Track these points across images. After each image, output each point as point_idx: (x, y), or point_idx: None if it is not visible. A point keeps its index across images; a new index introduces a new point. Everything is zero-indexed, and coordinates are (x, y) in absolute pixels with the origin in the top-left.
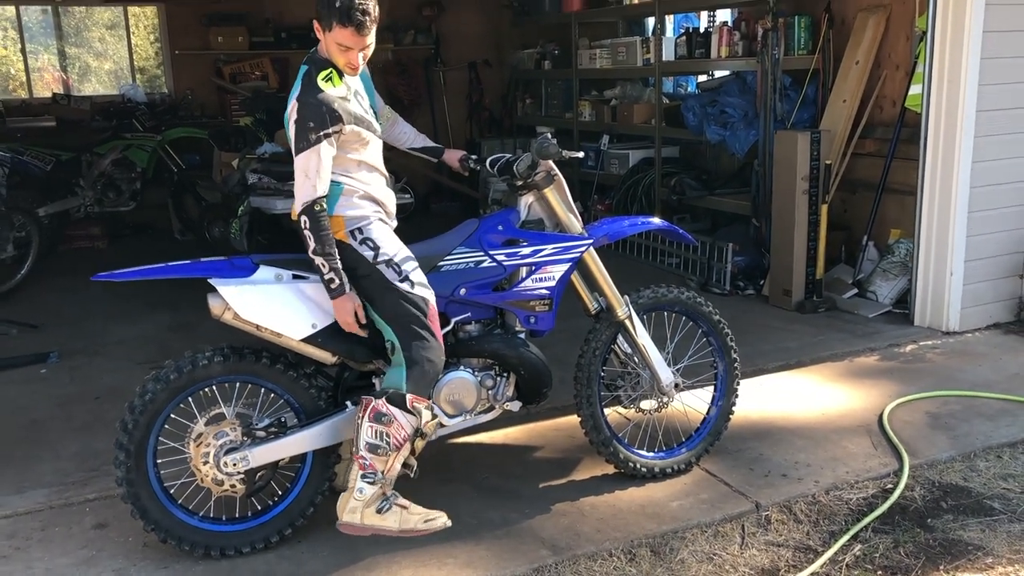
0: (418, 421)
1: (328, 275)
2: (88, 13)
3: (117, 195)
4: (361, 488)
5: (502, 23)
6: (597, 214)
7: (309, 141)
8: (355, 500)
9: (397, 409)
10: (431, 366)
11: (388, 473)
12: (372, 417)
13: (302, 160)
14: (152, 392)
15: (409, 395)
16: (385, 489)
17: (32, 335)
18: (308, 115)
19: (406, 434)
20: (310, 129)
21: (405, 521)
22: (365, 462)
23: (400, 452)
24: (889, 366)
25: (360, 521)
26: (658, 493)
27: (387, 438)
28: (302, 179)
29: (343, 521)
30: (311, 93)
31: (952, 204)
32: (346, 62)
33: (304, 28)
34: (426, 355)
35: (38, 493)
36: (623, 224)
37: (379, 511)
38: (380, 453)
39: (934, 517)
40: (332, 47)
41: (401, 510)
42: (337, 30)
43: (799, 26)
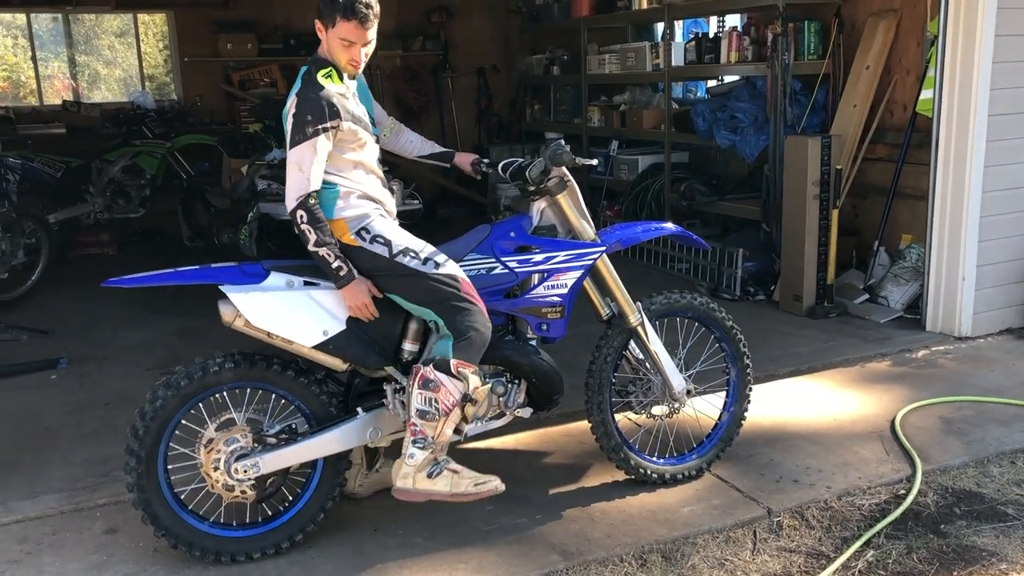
0: (465, 387)
1: (334, 264)
2: (98, 21)
3: (127, 202)
4: (412, 454)
5: (511, 29)
6: (606, 220)
7: (306, 134)
8: (407, 466)
9: (443, 375)
10: (478, 335)
11: (438, 439)
12: (421, 384)
13: (296, 153)
14: (163, 398)
15: (454, 361)
16: (436, 454)
17: (42, 341)
18: (306, 109)
19: (454, 400)
20: (307, 123)
21: (456, 485)
22: (416, 428)
23: (449, 417)
24: (901, 371)
25: (413, 486)
26: (669, 499)
27: (435, 404)
28: (295, 172)
29: (397, 487)
30: (310, 88)
31: (964, 209)
32: (348, 59)
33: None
34: (471, 324)
35: (49, 498)
36: (636, 230)
37: (430, 476)
38: (429, 419)
39: (947, 523)
40: (335, 44)
41: (452, 474)
42: (340, 25)
43: (809, 31)
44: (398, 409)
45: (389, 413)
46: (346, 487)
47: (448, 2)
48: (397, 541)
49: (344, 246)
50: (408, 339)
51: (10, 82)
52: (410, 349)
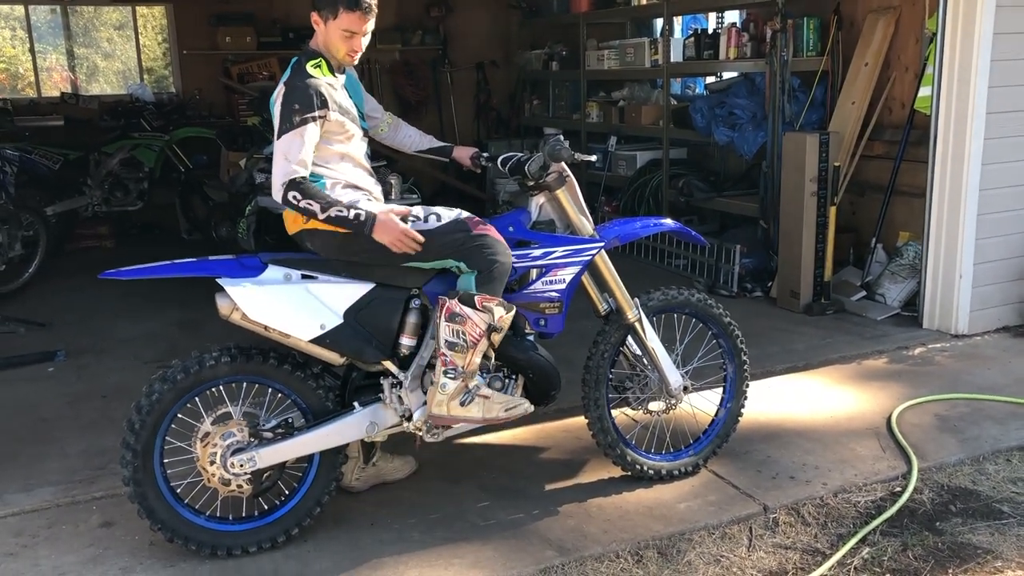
0: (491, 318)
1: (351, 215)
2: (96, 13)
3: (124, 194)
4: (444, 383)
5: (510, 24)
6: (604, 215)
7: (293, 123)
8: (440, 395)
9: (469, 308)
10: (499, 265)
11: (468, 368)
12: (447, 317)
13: (284, 142)
14: (159, 392)
15: (478, 296)
16: (467, 382)
17: (39, 333)
18: (294, 97)
19: (480, 331)
20: (295, 111)
21: (488, 410)
22: (446, 358)
23: (477, 348)
24: (897, 369)
25: (447, 413)
26: (665, 495)
27: (463, 335)
28: (281, 161)
29: (432, 413)
30: (299, 77)
31: (961, 207)
32: (348, 49)
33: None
34: (492, 257)
35: (45, 491)
36: (635, 226)
37: (463, 403)
38: (458, 350)
39: (943, 520)
40: (335, 35)
41: (484, 400)
42: (343, 16)
43: (808, 27)
44: (395, 403)
45: (386, 407)
46: (343, 481)
47: None
48: (393, 535)
49: (342, 235)
50: (405, 333)
51: (8, 74)
52: (407, 343)
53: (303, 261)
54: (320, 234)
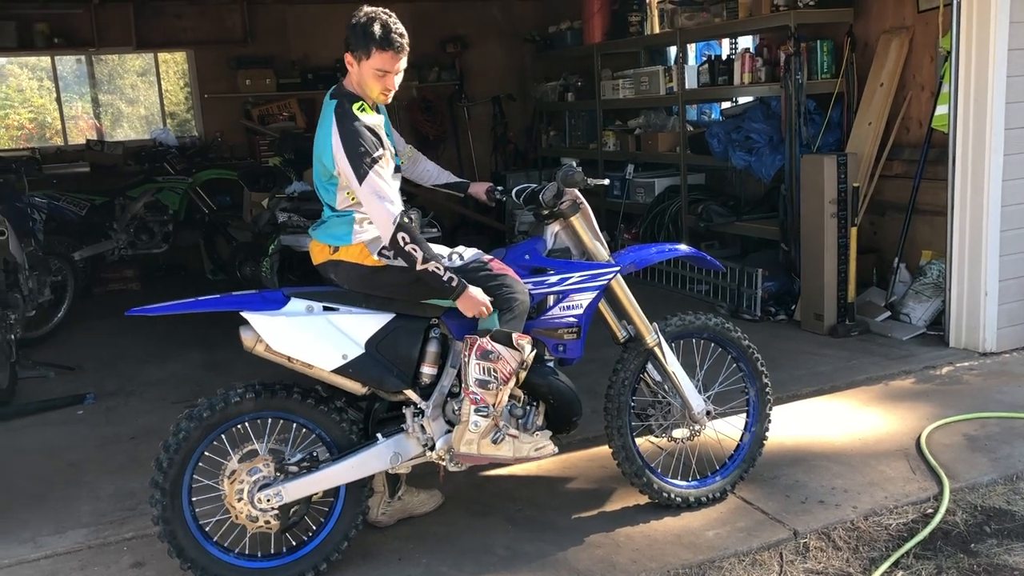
0: (522, 356)
1: (445, 276)
2: (120, 61)
3: (150, 237)
4: (476, 421)
5: (525, 57)
6: (624, 243)
7: (367, 164)
8: (471, 433)
9: (503, 347)
10: (519, 303)
11: (498, 406)
12: (479, 355)
13: (369, 186)
14: (186, 430)
15: (515, 334)
16: (497, 421)
17: (69, 377)
18: (358, 141)
19: (512, 368)
20: (364, 153)
21: (519, 450)
22: (476, 397)
23: (507, 385)
24: (925, 389)
25: (477, 451)
26: (694, 522)
27: (495, 373)
28: (376, 203)
29: (460, 452)
30: (351, 121)
31: (984, 224)
32: (382, 88)
33: (329, 69)
34: (512, 295)
35: (77, 533)
36: (650, 251)
37: (494, 441)
38: (490, 388)
39: (977, 542)
40: (368, 75)
41: (513, 439)
42: (376, 56)
43: (822, 50)
44: (418, 433)
45: (409, 437)
46: (369, 515)
47: (463, 32)
48: (421, 570)
49: (369, 268)
50: (426, 362)
51: (36, 123)
52: (428, 372)
53: (324, 294)
54: (345, 266)
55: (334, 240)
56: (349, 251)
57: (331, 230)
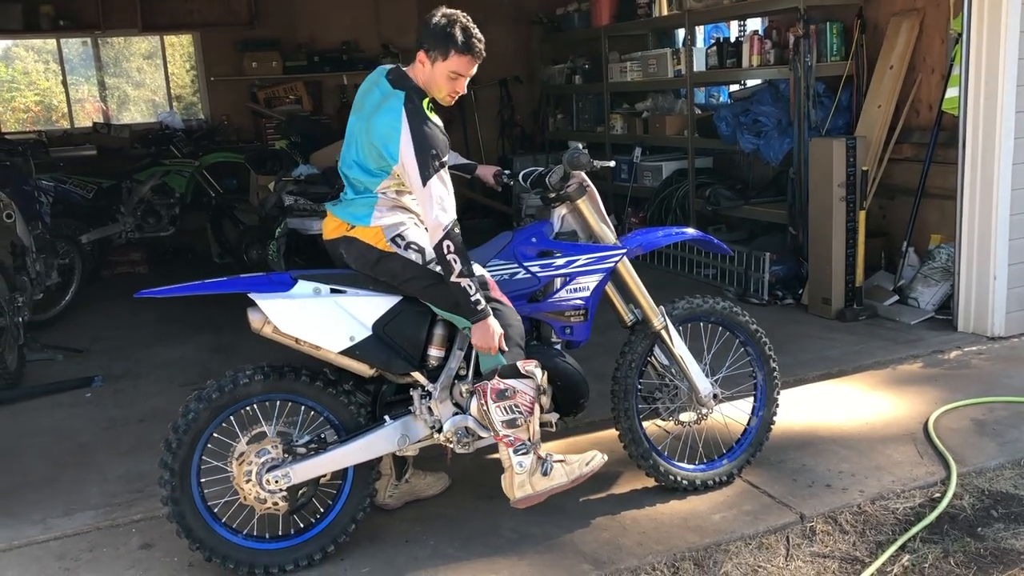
0: (535, 381)
1: (475, 296)
2: (126, 44)
3: (157, 220)
4: (520, 462)
5: (532, 39)
6: (631, 226)
7: (434, 167)
8: (519, 475)
9: (513, 380)
10: (513, 330)
11: (534, 438)
12: (496, 397)
13: (432, 188)
14: (195, 411)
15: (519, 363)
16: (539, 452)
17: (77, 360)
18: (428, 143)
19: (531, 396)
20: (433, 157)
21: (571, 473)
22: (510, 438)
23: (534, 415)
24: (933, 373)
25: (533, 490)
26: (700, 506)
27: (517, 408)
28: (434, 206)
29: (517, 498)
30: (423, 121)
31: (993, 207)
32: (450, 90)
33: (336, 52)
34: (506, 323)
35: (86, 515)
36: (657, 235)
37: (545, 474)
38: (519, 424)
39: (984, 526)
40: (442, 76)
41: (562, 464)
42: (454, 58)
43: (831, 32)
44: (425, 415)
45: (416, 419)
46: (376, 499)
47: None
48: (428, 552)
49: (380, 252)
50: (433, 345)
51: (42, 106)
52: (435, 354)
53: (332, 276)
54: (357, 244)
55: (352, 219)
56: (365, 232)
57: (351, 208)
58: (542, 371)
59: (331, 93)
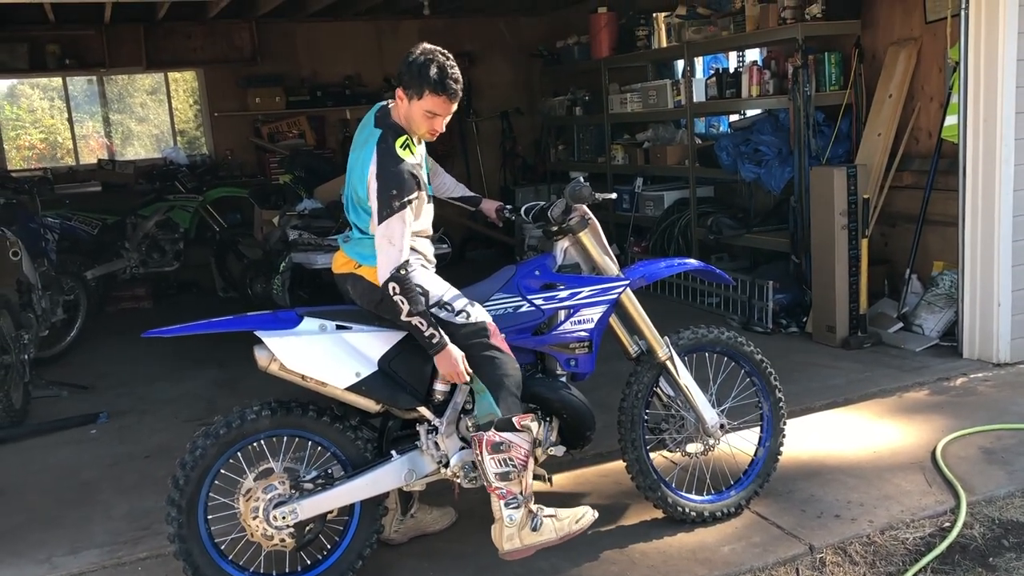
0: (531, 435)
1: (428, 332)
2: (130, 80)
3: (161, 256)
4: (511, 516)
5: (533, 72)
6: (634, 256)
7: (392, 208)
8: (508, 528)
9: (509, 433)
10: (510, 379)
11: (526, 492)
12: (490, 450)
13: (385, 228)
14: (202, 448)
15: (515, 418)
16: (529, 506)
17: (82, 396)
18: (391, 184)
19: (526, 450)
20: (392, 197)
21: (560, 529)
22: (502, 491)
23: (528, 469)
24: (939, 400)
25: (521, 544)
26: (709, 538)
27: (512, 462)
28: (386, 246)
29: (505, 550)
30: (391, 162)
31: (995, 233)
32: (428, 128)
33: (338, 86)
34: (502, 373)
35: (91, 553)
36: (659, 265)
37: (534, 529)
38: (512, 477)
39: (996, 556)
40: (418, 114)
41: (551, 520)
42: (428, 98)
43: (829, 62)
44: (432, 450)
45: (423, 454)
46: (382, 534)
47: (470, 48)
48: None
49: (383, 292)
50: (439, 380)
51: (47, 143)
52: (441, 389)
53: (337, 312)
54: (363, 283)
55: (360, 258)
56: (371, 272)
57: (359, 248)
58: (539, 424)
59: (334, 127)
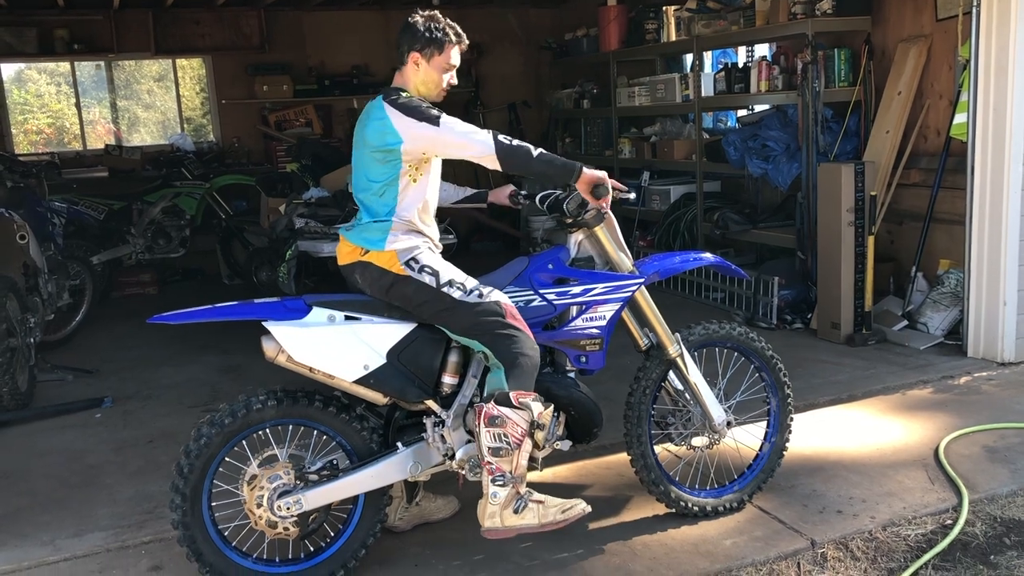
0: (530, 415)
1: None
2: (138, 67)
3: (167, 242)
4: (495, 492)
5: (541, 64)
6: (640, 250)
7: (432, 113)
8: (492, 505)
9: (507, 408)
10: (526, 359)
11: (516, 472)
12: (487, 422)
13: (446, 123)
14: (207, 436)
15: (512, 393)
16: (518, 488)
17: (87, 381)
18: (415, 103)
19: (522, 430)
20: (428, 107)
21: (544, 516)
22: (492, 466)
23: (522, 449)
24: (943, 398)
25: (501, 524)
26: (711, 531)
27: (506, 438)
28: (462, 138)
29: (485, 527)
30: (406, 97)
31: (1003, 232)
32: (444, 85)
33: (346, 75)
34: (518, 351)
35: (95, 536)
36: (674, 261)
37: (516, 511)
38: (503, 454)
39: (997, 553)
40: (436, 72)
41: (538, 505)
42: (448, 51)
43: (839, 58)
44: (438, 443)
45: (429, 447)
46: (387, 521)
47: (478, 39)
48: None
49: (395, 276)
50: (447, 372)
51: (55, 128)
52: (449, 382)
53: (346, 303)
54: (372, 269)
55: (367, 243)
56: (380, 256)
57: (365, 234)
58: (544, 405)
59: (341, 116)
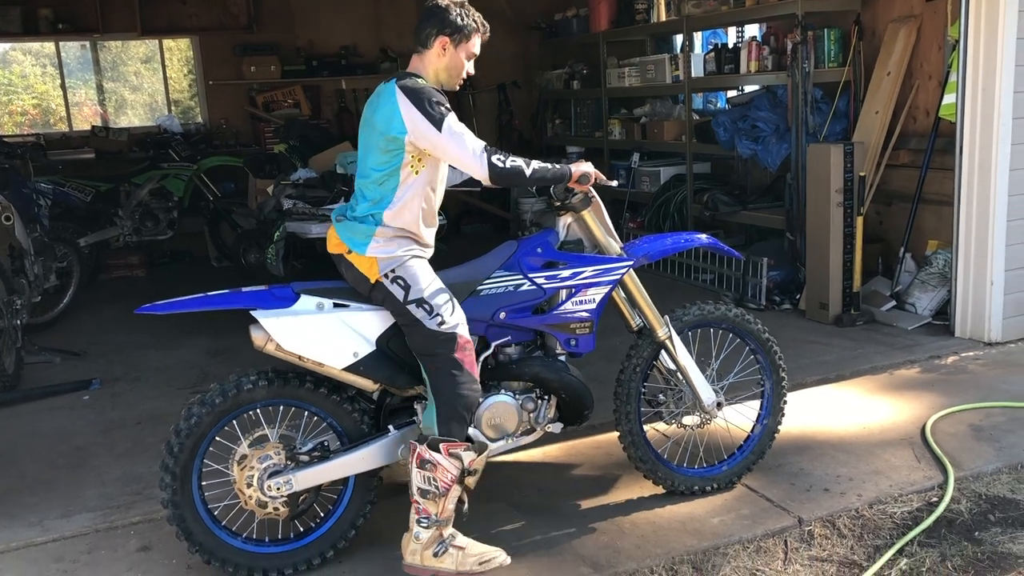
0: (460, 464)
1: (551, 170)
2: (124, 47)
3: (155, 224)
4: (418, 533)
5: (531, 45)
6: (629, 232)
7: (441, 112)
8: (414, 544)
9: (438, 455)
10: (461, 400)
11: (441, 515)
12: (418, 463)
13: (450, 127)
14: (198, 415)
15: (443, 444)
16: (441, 531)
17: (75, 363)
18: (426, 95)
19: (452, 476)
20: (436, 103)
21: (461, 564)
22: (419, 506)
23: (449, 495)
24: (930, 378)
25: (420, 563)
26: (699, 509)
27: (435, 482)
28: (458, 151)
29: (406, 562)
30: (419, 85)
31: (990, 213)
32: (463, 73)
33: (334, 56)
34: (455, 392)
35: (84, 517)
36: (665, 243)
37: (436, 555)
38: (430, 497)
39: (982, 530)
40: (460, 60)
41: (458, 551)
42: (474, 39)
43: (829, 39)
44: None
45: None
46: None
47: None
48: None
49: (371, 283)
50: None
51: (40, 109)
52: None
53: (334, 290)
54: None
55: (351, 243)
56: (361, 260)
57: (351, 233)
58: (476, 452)
59: (329, 98)
